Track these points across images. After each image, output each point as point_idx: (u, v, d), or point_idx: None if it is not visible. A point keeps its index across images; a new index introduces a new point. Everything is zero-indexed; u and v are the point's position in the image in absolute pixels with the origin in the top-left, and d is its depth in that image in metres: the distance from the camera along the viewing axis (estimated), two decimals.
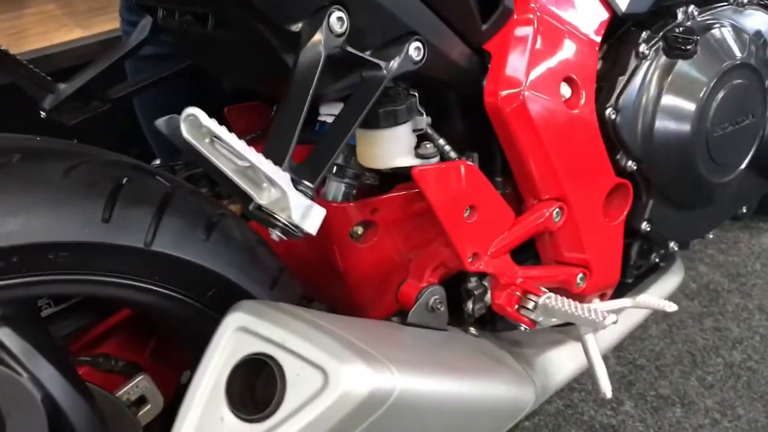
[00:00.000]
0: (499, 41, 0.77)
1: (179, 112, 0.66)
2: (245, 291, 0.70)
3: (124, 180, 0.63)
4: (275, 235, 0.52)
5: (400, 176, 0.80)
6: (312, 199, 0.52)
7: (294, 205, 0.50)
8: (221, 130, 0.47)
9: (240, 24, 0.66)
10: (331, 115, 0.78)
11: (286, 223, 0.51)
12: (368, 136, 0.71)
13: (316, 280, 0.87)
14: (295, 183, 0.52)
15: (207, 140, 0.47)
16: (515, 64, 0.77)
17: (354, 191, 0.82)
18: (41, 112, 0.84)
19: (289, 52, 0.62)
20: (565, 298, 0.76)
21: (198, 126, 0.47)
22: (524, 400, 0.75)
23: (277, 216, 0.51)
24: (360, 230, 0.82)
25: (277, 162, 0.50)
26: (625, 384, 1.30)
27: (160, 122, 0.49)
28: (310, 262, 0.86)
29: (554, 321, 0.79)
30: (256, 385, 0.63)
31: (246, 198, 0.51)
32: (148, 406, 0.78)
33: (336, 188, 0.81)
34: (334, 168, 0.79)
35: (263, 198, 0.50)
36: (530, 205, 0.83)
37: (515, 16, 0.78)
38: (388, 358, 0.63)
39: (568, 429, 1.23)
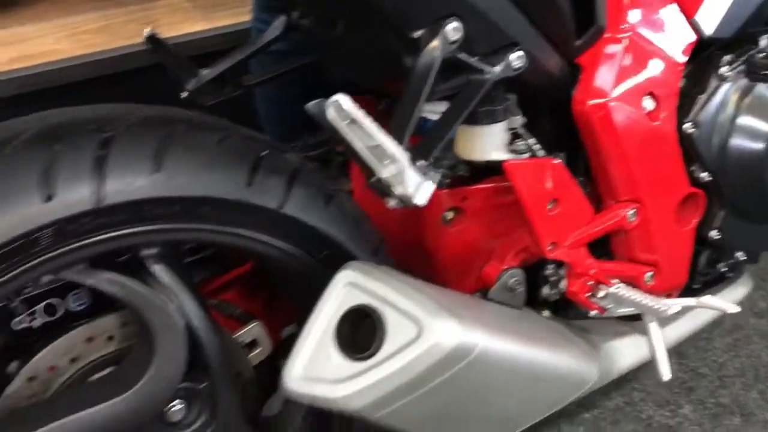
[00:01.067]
0: (590, 56, 0.87)
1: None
2: (352, 254, 0.81)
3: (264, 153, 0.75)
4: (391, 203, 0.63)
5: (489, 169, 0.90)
6: (423, 176, 0.64)
7: (409, 179, 0.61)
8: (359, 114, 0.59)
9: (367, 29, 0.78)
10: (433, 112, 0.89)
11: (402, 194, 0.62)
12: (468, 131, 0.81)
13: (405, 258, 0.98)
14: (411, 162, 0.63)
15: (347, 122, 0.59)
16: (604, 77, 0.86)
17: (447, 180, 0.93)
18: (183, 92, 0.98)
19: (409, 55, 0.73)
20: (633, 289, 0.85)
21: (341, 110, 0.58)
22: (588, 375, 0.84)
23: (394, 188, 0.62)
24: (450, 215, 0.92)
25: (398, 144, 0.62)
26: (685, 389, 1.36)
27: (311, 105, 0.61)
28: (401, 242, 0.97)
29: (622, 310, 0.87)
30: (358, 332, 0.75)
31: (370, 171, 0.62)
32: (258, 350, 0.91)
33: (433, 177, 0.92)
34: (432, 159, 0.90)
35: (384, 172, 0.62)
36: (608, 204, 0.92)
37: (607, 34, 0.87)
38: (473, 320, 0.73)
39: (626, 424, 1.29)
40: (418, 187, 0.63)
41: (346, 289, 0.74)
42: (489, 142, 0.81)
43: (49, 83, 1.43)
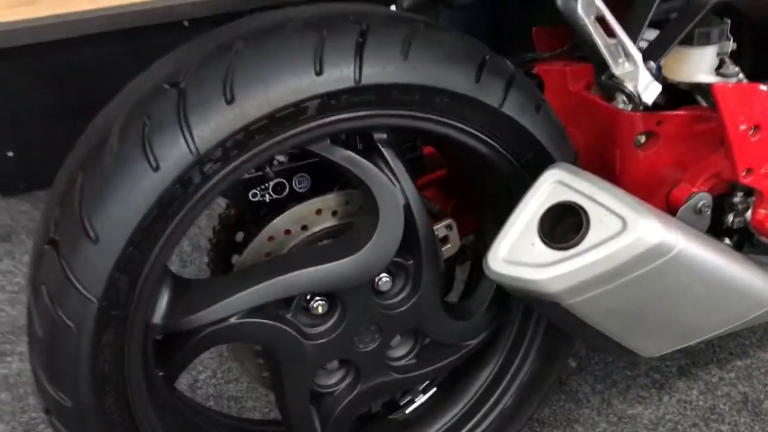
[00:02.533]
0: None
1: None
2: (552, 161, 0.88)
3: (488, 55, 0.83)
4: (620, 100, 0.69)
5: (684, 97, 0.94)
6: (653, 76, 0.69)
7: (641, 77, 0.67)
8: (606, 11, 0.65)
9: None
10: (645, 40, 0.93)
11: (631, 91, 0.68)
12: (681, 52, 0.85)
13: None
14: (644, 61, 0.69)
15: (593, 17, 0.66)
16: None
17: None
18: (399, 7, 1.07)
19: None
20: None
21: (591, 5, 0.65)
22: (762, 298, 0.88)
23: (625, 85, 0.68)
24: (643, 139, 0.97)
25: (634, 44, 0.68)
26: None
27: (560, 1, 0.68)
28: (589, 161, 1.03)
29: None
30: (558, 227, 0.82)
31: (605, 67, 0.68)
32: (448, 245, 1.00)
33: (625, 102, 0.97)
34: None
35: (618, 70, 0.68)
36: None
37: None
38: (674, 225, 0.79)
39: None
40: (647, 85, 0.69)
41: (553, 186, 0.82)
42: (700, 64, 0.85)
43: (251, 5, 1.56)
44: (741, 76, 0.88)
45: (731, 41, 0.86)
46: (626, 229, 0.76)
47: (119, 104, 0.75)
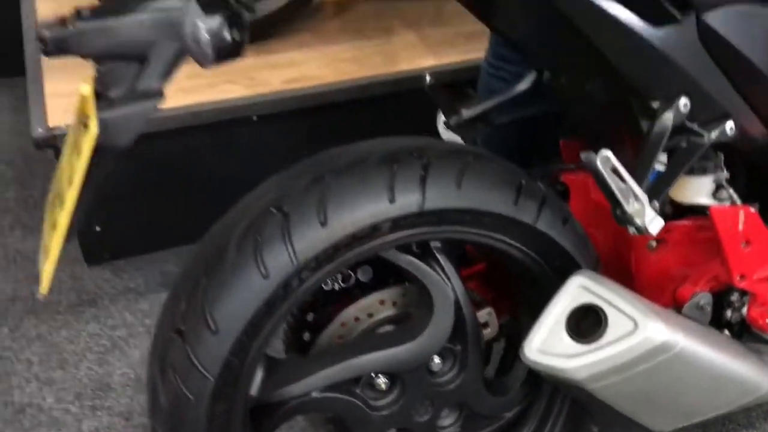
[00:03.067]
0: None
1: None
2: (578, 266, 1.07)
3: (523, 180, 1.02)
4: (631, 231, 0.88)
5: (689, 209, 1.12)
6: (657, 213, 0.88)
7: (647, 215, 0.86)
8: (619, 165, 0.84)
9: (616, 95, 1.03)
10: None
11: (639, 225, 0.87)
12: (684, 178, 1.04)
13: (610, 276, 1.22)
14: (649, 202, 0.87)
15: (609, 168, 0.85)
16: None
17: None
18: (444, 123, 1.27)
19: (645, 119, 0.98)
20: None
21: (607, 161, 0.84)
22: (761, 385, 1.04)
23: (635, 220, 0.87)
24: (654, 244, 1.15)
25: (641, 187, 0.87)
26: None
27: (585, 155, 0.87)
28: (608, 262, 1.21)
29: None
30: (582, 323, 1.00)
31: (618, 206, 0.87)
32: (488, 329, 1.18)
33: None
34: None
35: (628, 208, 0.87)
36: None
37: None
38: (676, 325, 0.96)
39: None
40: (652, 221, 0.87)
41: (578, 290, 1.00)
42: (699, 189, 1.04)
43: (313, 103, 1.79)
44: (734, 197, 1.06)
45: (725, 171, 1.05)
46: (637, 329, 0.94)
47: (234, 220, 0.96)
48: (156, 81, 0.80)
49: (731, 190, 1.07)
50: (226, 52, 0.79)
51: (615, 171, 0.86)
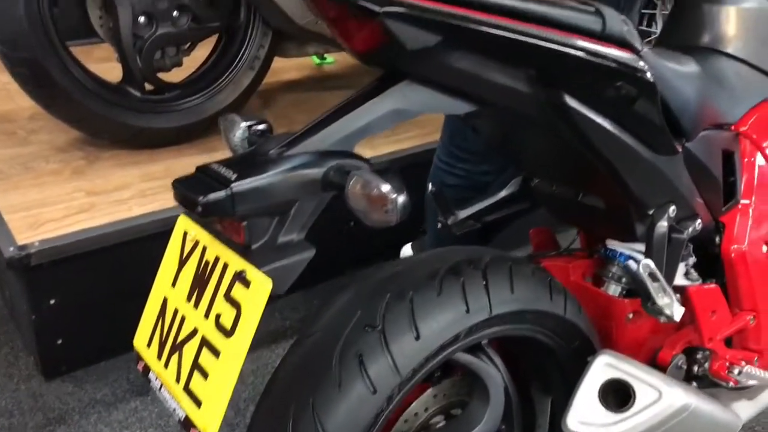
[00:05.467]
0: (730, 217, 1.36)
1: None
2: (591, 344, 1.27)
3: (550, 279, 1.21)
4: (662, 319, 1.10)
5: None
6: (679, 304, 1.11)
7: (675, 307, 1.09)
8: (658, 272, 1.06)
9: (608, 202, 1.25)
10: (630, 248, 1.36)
11: (669, 314, 1.09)
12: None
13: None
14: (673, 296, 1.10)
15: (647, 273, 1.07)
16: (738, 231, 1.35)
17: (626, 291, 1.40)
18: (441, 223, 1.44)
19: (641, 224, 1.21)
20: (758, 369, 1.32)
21: (648, 268, 1.06)
22: (735, 423, 1.30)
23: (665, 311, 1.09)
24: (631, 316, 1.39)
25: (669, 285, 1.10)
26: None
27: (630, 264, 1.07)
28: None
29: (751, 382, 1.34)
30: (611, 396, 1.20)
31: (651, 300, 1.09)
32: None
33: (614, 290, 1.39)
34: (623, 279, 1.37)
35: (659, 302, 1.09)
36: (735, 311, 1.39)
37: (740, 204, 1.36)
38: (685, 389, 1.19)
39: None
40: (676, 309, 1.10)
41: (604, 367, 1.20)
42: (677, 273, 1.29)
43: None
44: (698, 277, 1.33)
45: (693, 257, 1.31)
46: (662, 397, 1.15)
47: (325, 339, 1.04)
48: (297, 234, 0.89)
49: (695, 274, 1.34)
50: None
51: (652, 275, 1.08)
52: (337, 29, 0.94)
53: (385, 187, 0.81)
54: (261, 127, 1.04)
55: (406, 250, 2.12)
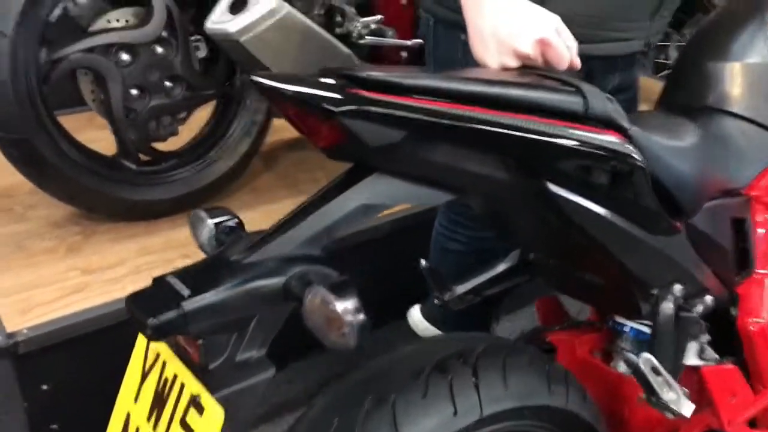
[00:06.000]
0: (745, 287, 1.26)
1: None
2: (594, 429, 1.17)
3: (549, 367, 1.12)
4: (669, 416, 1.01)
5: None
6: (687, 398, 1.01)
7: (683, 403, 0.99)
8: (660, 367, 0.97)
9: (608, 280, 1.17)
10: (637, 323, 1.26)
11: (675, 410, 1.00)
12: None
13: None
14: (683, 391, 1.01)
15: (649, 367, 0.98)
16: (755, 302, 1.26)
17: None
18: (438, 299, 1.36)
19: (646, 303, 1.12)
20: None
21: (650, 363, 0.97)
22: None
23: (670, 407, 1.00)
24: (643, 396, 1.29)
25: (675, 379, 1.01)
26: None
27: (632, 358, 0.99)
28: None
29: None
30: None
31: (654, 395, 1.00)
32: None
33: (624, 367, 1.30)
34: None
35: (665, 397, 0.99)
36: (758, 389, 1.29)
37: (756, 274, 1.27)
38: None
39: None
40: (681, 405, 1.01)
41: None
42: (689, 353, 1.19)
43: None
44: (716, 357, 1.23)
45: (707, 335, 1.22)
46: None
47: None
48: (257, 350, 0.82)
49: (713, 352, 1.24)
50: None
51: (654, 369, 0.99)
52: (298, 127, 0.88)
53: (341, 307, 0.74)
54: (230, 223, 0.99)
55: (415, 314, 2.04)
